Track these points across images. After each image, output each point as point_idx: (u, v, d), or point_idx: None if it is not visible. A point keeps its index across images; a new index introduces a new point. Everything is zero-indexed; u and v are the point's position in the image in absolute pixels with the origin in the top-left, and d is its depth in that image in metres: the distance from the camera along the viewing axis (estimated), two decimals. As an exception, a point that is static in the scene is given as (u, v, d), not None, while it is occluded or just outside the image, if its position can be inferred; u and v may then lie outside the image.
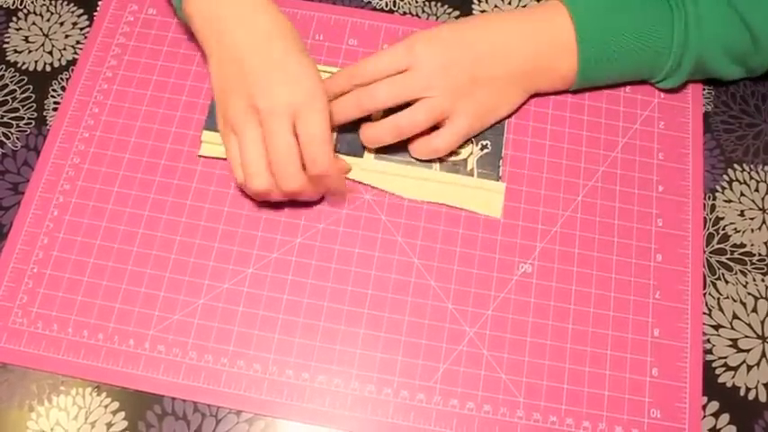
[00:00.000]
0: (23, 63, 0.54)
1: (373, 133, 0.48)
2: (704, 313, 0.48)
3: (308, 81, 0.44)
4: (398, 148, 0.50)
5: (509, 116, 0.51)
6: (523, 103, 0.52)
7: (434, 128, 0.48)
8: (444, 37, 0.47)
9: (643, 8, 0.48)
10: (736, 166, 0.52)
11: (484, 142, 0.51)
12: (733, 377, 0.46)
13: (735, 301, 0.48)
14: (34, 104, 0.52)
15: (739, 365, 0.47)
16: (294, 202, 0.49)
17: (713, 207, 0.50)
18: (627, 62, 0.49)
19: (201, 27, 0.47)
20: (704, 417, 0.45)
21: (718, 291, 0.48)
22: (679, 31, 0.47)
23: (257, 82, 0.44)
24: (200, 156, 0.50)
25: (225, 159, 0.50)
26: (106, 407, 0.45)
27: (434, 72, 0.46)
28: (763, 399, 0.46)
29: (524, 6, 0.56)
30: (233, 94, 0.45)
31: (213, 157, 0.50)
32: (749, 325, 0.48)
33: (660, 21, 0.47)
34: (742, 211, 0.50)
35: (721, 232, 0.50)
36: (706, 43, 0.47)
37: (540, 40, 0.48)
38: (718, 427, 0.45)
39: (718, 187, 0.51)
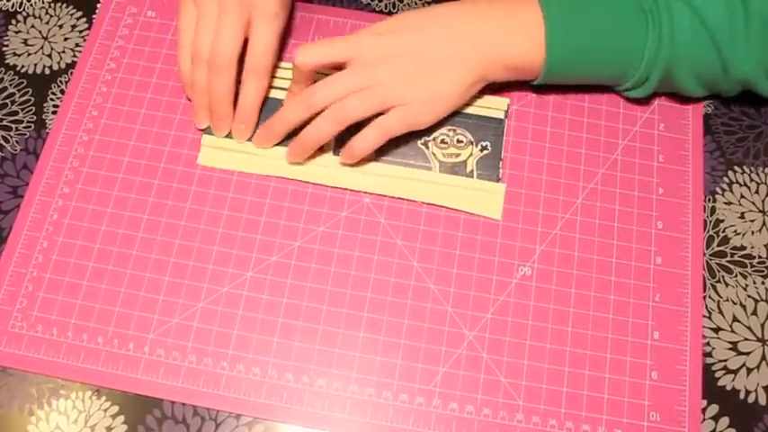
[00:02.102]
0: (22, 66, 0.54)
1: (315, 130, 0.47)
2: (704, 316, 0.48)
3: None
4: (398, 149, 0.50)
5: (464, 106, 0.51)
6: (522, 103, 0.52)
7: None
8: (400, 19, 0.47)
9: (617, 16, 0.47)
10: (736, 168, 0.51)
11: (483, 143, 0.51)
12: (733, 380, 0.46)
13: (735, 303, 0.48)
14: (33, 107, 0.52)
15: (739, 368, 0.46)
16: (294, 204, 0.49)
17: (713, 209, 0.50)
18: (594, 67, 0.48)
19: None
20: (704, 420, 0.45)
21: (718, 293, 0.48)
22: (652, 44, 0.46)
23: None
24: (199, 163, 0.50)
25: (223, 168, 0.50)
26: (106, 411, 0.45)
27: (378, 60, 0.46)
28: (762, 402, 0.46)
29: None
30: None
31: (212, 167, 0.50)
32: (749, 328, 0.47)
33: (634, 31, 0.47)
34: (742, 214, 0.50)
35: (721, 234, 0.50)
36: (677, 61, 0.47)
37: (508, 27, 0.47)
38: (717, 430, 0.45)
39: (718, 189, 0.51)
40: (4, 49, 0.54)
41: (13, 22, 0.55)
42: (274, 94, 0.52)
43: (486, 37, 0.47)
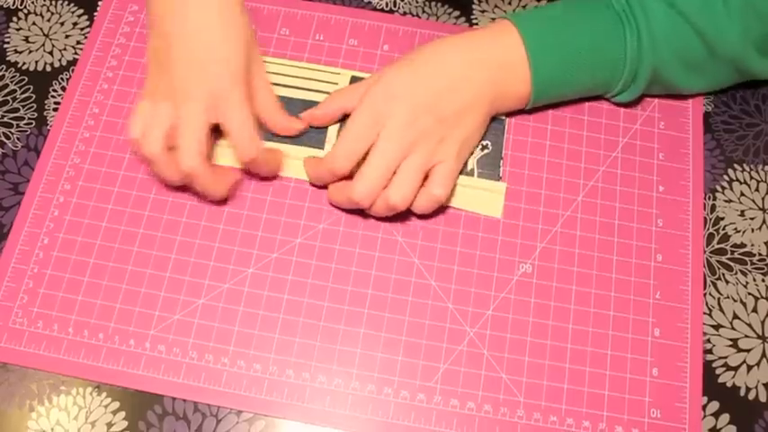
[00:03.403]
0: (24, 63, 0.54)
1: (374, 212, 0.47)
2: (704, 313, 0.48)
3: (223, 72, 0.45)
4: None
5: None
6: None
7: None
8: (400, 86, 0.46)
9: (592, 24, 0.47)
10: (736, 165, 0.52)
11: (484, 142, 0.51)
12: (733, 377, 0.46)
13: (735, 300, 0.48)
14: (34, 105, 0.53)
15: (739, 365, 0.47)
16: (295, 201, 0.49)
17: (713, 207, 0.50)
18: (581, 80, 0.48)
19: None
20: (704, 417, 0.45)
21: (718, 291, 0.48)
22: (631, 43, 0.46)
23: (181, 66, 0.45)
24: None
25: (223, 166, 0.50)
26: (106, 407, 0.45)
27: (403, 130, 0.45)
28: (763, 399, 0.46)
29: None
30: (161, 72, 0.46)
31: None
32: (749, 325, 0.48)
33: (611, 35, 0.47)
34: (742, 211, 0.50)
35: (721, 232, 0.50)
36: (660, 53, 0.47)
37: (493, 65, 0.47)
38: (718, 427, 0.45)
39: (718, 187, 0.51)
40: (6, 46, 0.54)
41: (15, 19, 0.55)
42: (280, 92, 0.52)
43: (482, 76, 0.47)
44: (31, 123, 0.52)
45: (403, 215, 0.48)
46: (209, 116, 0.45)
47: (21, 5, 0.56)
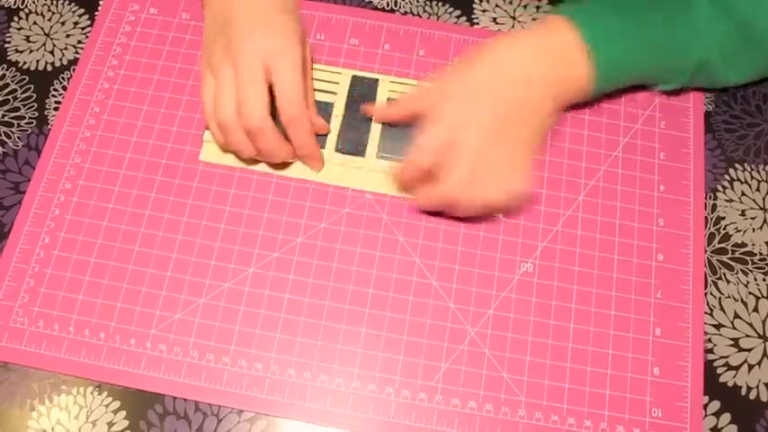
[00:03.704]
0: (25, 62, 0.54)
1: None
2: (705, 313, 0.48)
3: (283, 35, 0.46)
4: (400, 147, 0.50)
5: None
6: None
7: None
8: (466, 91, 0.46)
9: (657, 29, 0.47)
10: (737, 165, 0.52)
11: None
12: (734, 376, 0.46)
13: (736, 300, 0.48)
14: (35, 104, 0.52)
15: (740, 365, 0.47)
16: (296, 201, 0.49)
17: (714, 206, 0.50)
18: (636, 73, 0.49)
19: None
20: (705, 416, 0.45)
21: (719, 290, 0.48)
22: (682, 36, 0.46)
23: (239, 27, 0.46)
24: (201, 160, 0.50)
25: (225, 164, 0.50)
26: (107, 406, 0.45)
27: (474, 138, 0.45)
28: (764, 398, 0.46)
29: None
30: (217, 39, 0.47)
31: (214, 163, 0.50)
32: (750, 324, 0.48)
33: (670, 33, 0.47)
34: (743, 211, 0.50)
35: (722, 232, 0.50)
36: (709, 47, 0.47)
37: (557, 63, 0.47)
38: (719, 426, 0.45)
39: (719, 187, 0.51)
40: (7, 45, 0.54)
41: (16, 18, 0.55)
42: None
43: (549, 68, 0.47)
44: (32, 123, 0.52)
45: (407, 214, 0.48)
46: (267, 75, 0.45)
47: (22, 5, 0.56)
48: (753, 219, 0.50)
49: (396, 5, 0.56)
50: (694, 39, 0.46)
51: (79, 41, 0.54)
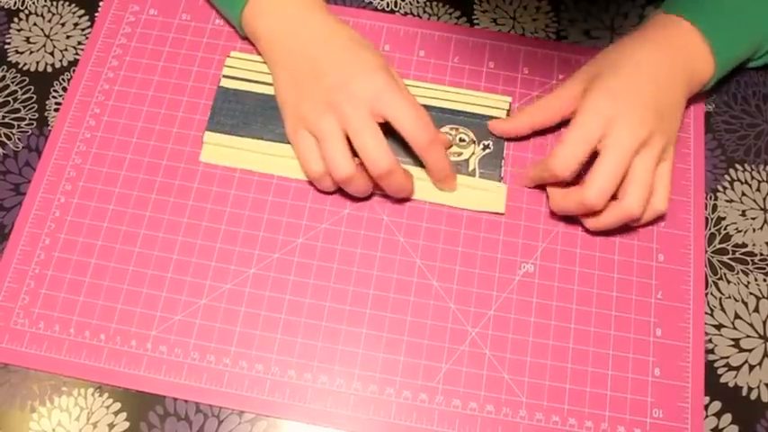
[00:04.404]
0: (25, 64, 0.54)
1: (602, 227, 0.47)
2: (706, 313, 0.48)
3: (375, 71, 0.46)
4: (401, 149, 0.50)
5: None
6: (523, 102, 0.52)
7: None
8: (620, 88, 0.46)
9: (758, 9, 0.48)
10: (737, 165, 0.52)
11: (486, 142, 0.51)
12: (735, 377, 0.46)
13: (737, 300, 0.48)
14: (35, 105, 0.52)
15: (741, 365, 0.47)
16: (296, 201, 0.49)
17: (715, 207, 0.50)
18: (748, 51, 0.50)
19: (265, 39, 0.50)
20: (706, 417, 0.45)
21: (719, 290, 0.48)
22: None
23: (333, 76, 0.46)
24: (201, 161, 0.50)
25: (225, 165, 0.50)
26: (108, 407, 0.45)
27: (635, 131, 0.45)
28: (765, 398, 0.46)
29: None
30: (307, 91, 0.47)
31: (214, 164, 0.50)
32: (751, 325, 0.48)
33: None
34: (743, 211, 0.50)
35: (723, 232, 0.50)
36: None
37: (687, 62, 0.48)
38: (720, 426, 0.45)
39: (719, 187, 0.51)
40: (7, 46, 0.54)
41: (16, 20, 0.55)
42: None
43: (682, 67, 0.48)
44: (32, 124, 0.52)
45: (408, 214, 0.48)
46: (375, 117, 0.45)
47: (22, 6, 0.56)
48: (753, 219, 0.50)
49: (396, 6, 0.56)
50: None
51: (79, 42, 0.54)
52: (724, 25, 0.48)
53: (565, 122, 0.51)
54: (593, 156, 0.45)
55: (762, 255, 0.49)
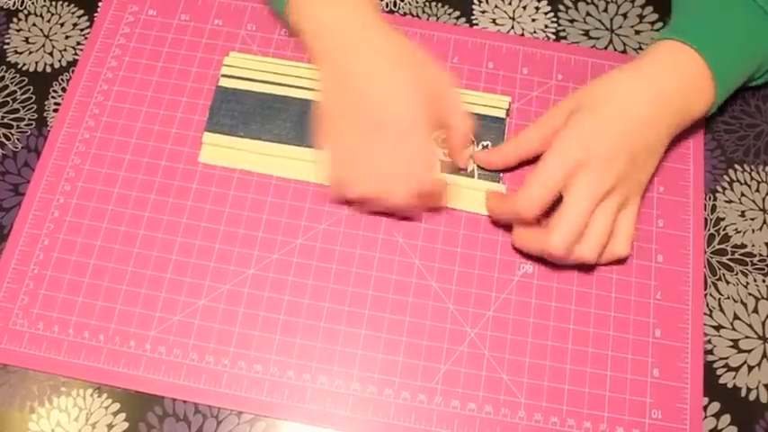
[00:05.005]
0: (24, 64, 0.54)
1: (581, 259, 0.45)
2: (705, 314, 0.48)
3: (408, 95, 0.45)
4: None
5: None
6: (523, 102, 0.52)
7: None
8: (590, 130, 0.44)
9: (753, 31, 0.46)
10: (736, 166, 0.52)
11: (485, 143, 0.51)
12: (734, 378, 0.46)
13: (736, 301, 0.48)
14: (35, 105, 0.52)
15: (740, 366, 0.46)
16: (295, 202, 0.49)
17: (714, 207, 0.50)
18: (745, 76, 0.48)
19: (313, 41, 0.48)
20: (705, 417, 0.45)
21: (719, 291, 0.48)
22: None
23: (373, 106, 0.45)
24: (200, 161, 0.50)
25: (224, 166, 0.50)
26: (107, 408, 0.45)
27: (601, 176, 0.43)
28: (764, 399, 0.46)
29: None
30: (348, 112, 0.46)
31: (213, 164, 0.50)
32: (750, 325, 0.48)
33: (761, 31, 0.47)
34: (743, 212, 0.50)
35: (722, 233, 0.50)
36: None
37: (678, 95, 0.46)
38: (719, 427, 0.45)
39: (718, 188, 0.51)
40: (6, 47, 0.54)
41: (15, 20, 0.55)
42: (274, 90, 0.52)
43: (669, 110, 0.46)
44: (32, 124, 0.52)
45: (402, 216, 0.48)
46: (432, 122, 0.46)
47: (21, 6, 0.56)
48: (752, 220, 0.50)
49: (395, 7, 0.56)
50: None
51: (78, 43, 0.54)
52: (727, 52, 0.46)
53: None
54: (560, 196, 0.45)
55: (761, 255, 0.49)
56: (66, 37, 0.55)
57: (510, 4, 0.56)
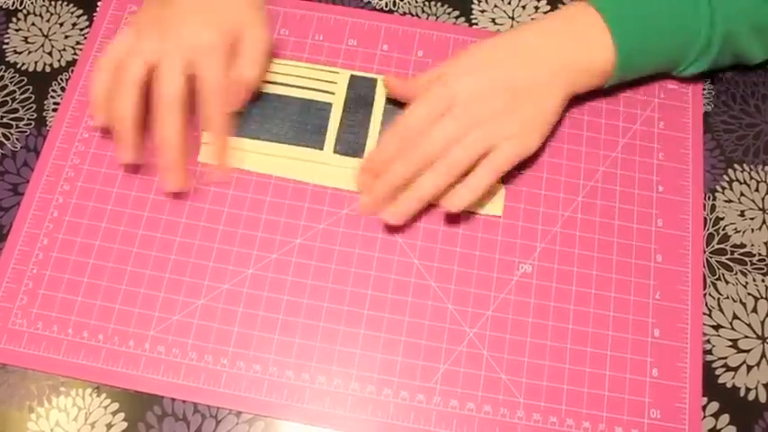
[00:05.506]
0: (23, 64, 0.54)
1: (429, 186, 0.46)
2: (704, 313, 0.48)
3: (217, 25, 0.46)
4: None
5: (558, 122, 0.50)
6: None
7: None
8: (473, 63, 0.46)
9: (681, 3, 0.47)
10: (736, 166, 0.52)
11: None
12: (733, 377, 0.46)
13: (735, 301, 0.48)
14: (34, 105, 0.52)
15: (739, 366, 0.46)
16: (294, 202, 0.49)
17: (713, 207, 0.50)
18: (660, 48, 0.48)
19: None
20: (704, 417, 0.45)
21: (718, 291, 0.48)
22: (704, 7, 0.47)
23: (173, 13, 0.47)
24: (199, 161, 0.50)
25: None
26: (106, 408, 0.45)
27: (471, 107, 0.45)
28: (763, 399, 0.46)
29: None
30: (154, 8, 0.48)
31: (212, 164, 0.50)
32: (749, 325, 0.48)
33: (687, 4, 0.47)
34: (742, 212, 0.50)
35: (721, 232, 0.50)
36: (733, 18, 0.47)
37: (572, 40, 0.47)
38: (718, 427, 0.45)
39: (718, 187, 0.51)
40: (5, 46, 0.54)
41: (14, 20, 0.55)
42: (272, 89, 0.52)
43: (563, 54, 0.47)
44: (31, 124, 0.52)
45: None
46: (188, 66, 0.45)
47: (20, 6, 0.56)
48: (752, 219, 0.50)
49: (394, 6, 0.56)
50: (720, 9, 0.46)
51: (78, 42, 0.54)
52: (631, 16, 0.47)
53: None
54: None
55: (760, 255, 0.49)
56: (66, 37, 0.55)
57: (509, 3, 0.56)
